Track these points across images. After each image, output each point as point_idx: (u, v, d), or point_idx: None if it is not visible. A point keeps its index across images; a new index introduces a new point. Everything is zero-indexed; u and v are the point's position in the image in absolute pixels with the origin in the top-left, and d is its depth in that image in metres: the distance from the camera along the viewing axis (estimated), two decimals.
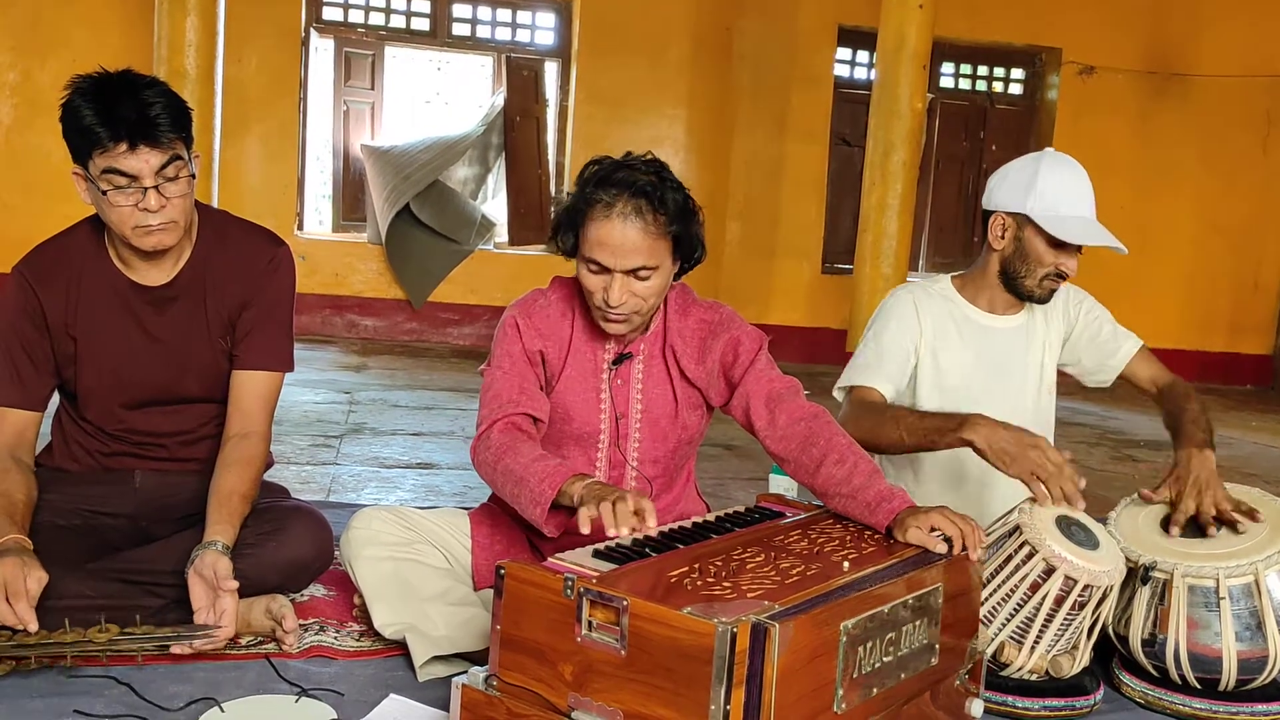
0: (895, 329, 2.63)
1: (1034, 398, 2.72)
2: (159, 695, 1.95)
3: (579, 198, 2.13)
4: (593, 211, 2.10)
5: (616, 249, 2.09)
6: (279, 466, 3.73)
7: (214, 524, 2.13)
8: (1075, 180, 2.55)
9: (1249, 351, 9.25)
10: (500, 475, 2.09)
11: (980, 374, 2.65)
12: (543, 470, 2.02)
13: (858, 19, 8.09)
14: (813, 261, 8.59)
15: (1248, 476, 4.73)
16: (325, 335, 7.76)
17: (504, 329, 2.25)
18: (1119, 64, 8.76)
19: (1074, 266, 2.56)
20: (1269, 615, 2.17)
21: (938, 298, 2.69)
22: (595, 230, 2.10)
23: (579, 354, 2.27)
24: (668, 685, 1.52)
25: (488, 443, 2.14)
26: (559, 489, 1.97)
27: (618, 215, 2.08)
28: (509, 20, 8.32)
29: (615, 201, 2.08)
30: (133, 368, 2.29)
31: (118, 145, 2.05)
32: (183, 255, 2.29)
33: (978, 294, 2.69)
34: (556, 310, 2.27)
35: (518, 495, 2.05)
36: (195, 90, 5.95)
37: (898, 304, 2.67)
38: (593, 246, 2.10)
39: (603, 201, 2.09)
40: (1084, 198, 2.54)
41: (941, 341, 2.65)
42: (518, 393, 2.18)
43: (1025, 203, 2.53)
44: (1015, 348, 2.69)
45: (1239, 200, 9.08)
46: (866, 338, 2.69)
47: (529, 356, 2.23)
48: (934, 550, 1.90)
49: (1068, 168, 2.56)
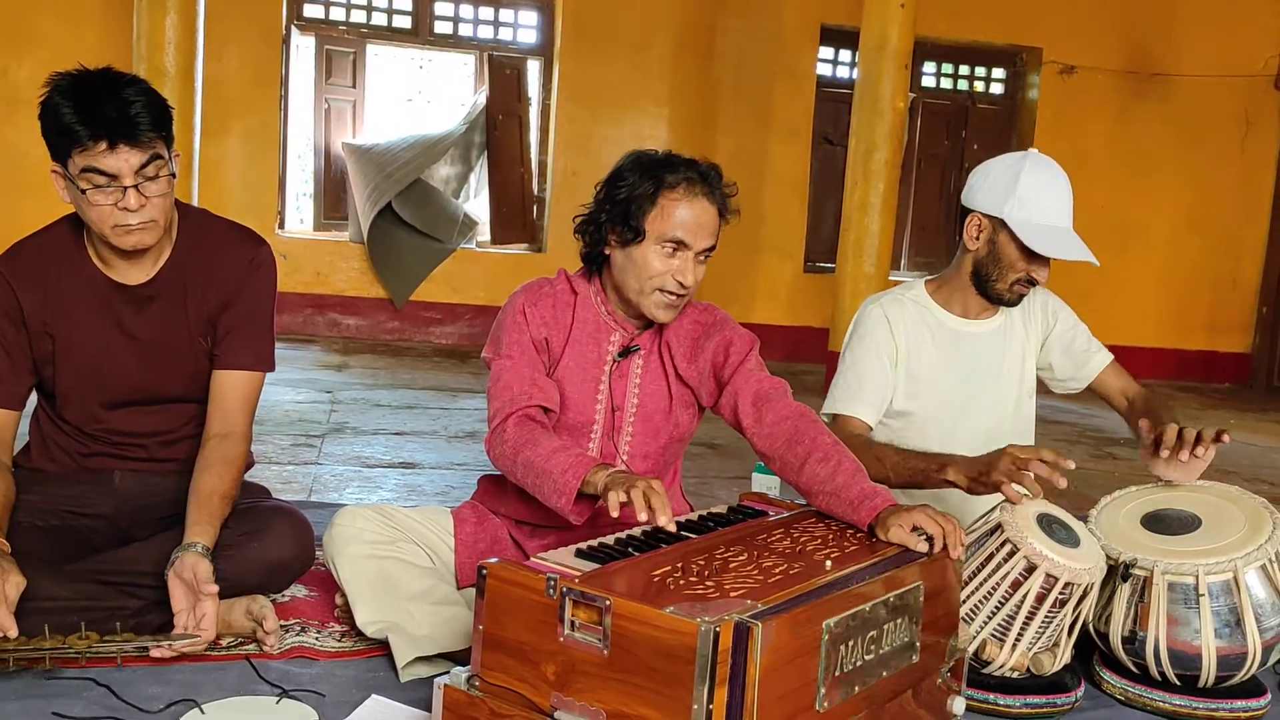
0: (871, 350, 2.62)
1: (1014, 402, 2.72)
2: (138, 697, 1.94)
3: (641, 183, 2.17)
4: (671, 192, 2.16)
5: (700, 227, 2.17)
6: (260, 466, 3.71)
7: (194, 525, 2.11)
8: (1055, 188, 2.53)
9: (1227, 350, 9.32)
10: (520, 468, 2.12)
11: (957, 380, 2.65)
12: (565, 462, 2.05)
13: (840, 18, 8.11)
14: (795, 260, 8.61)
15: (1227, 474, 4.76)
16: (307, 334, 7.73)
17: (512, 315, 2.26)
18: (1099, 64, 8.80)
19: (1045, 275, 2.56)
20: (1248, 612, 2.18)
21: (910, 306, 2.68)
22: (678, 209, 2.16)
23: (579, 345, 2.29)
24: (650, 685, 1.52)
25: (503, 437, 2.16)
26: (583, 479, 2.01)
27: (701, 194, 2.17)
28: (491, 18, 8.30)
29: (695, 181, 2.17)
30: (112, 367, 2.27)
31: (97, 144, 2.03)
32: (163, 254, 2.28)
33: (951, 298, 2.69)
34: (562, 300, 2.30)
35: (539, 486, 2.08)
36: (175, 88, 5.90)
37: (869, 321, 2.66)
38: (675, 226, 2.16)
39: (683, 182, 2.16)
40: (1062, 207, 2.53)
41: (916, 351, 2.64)
42: (529, 384, 2.21)
43: (1003, 207, 2.52)
44: (992, 352, 2.69)
45: (1218, 199, 9.15)
46: (844, 361, 2.67)
47: (536, 344, 2.25)
48: (915, 549, 1.90)
49: (1049, 174, 2.54)
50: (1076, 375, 2.75)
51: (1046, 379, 2.81)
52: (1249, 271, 9.36)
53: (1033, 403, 2.78)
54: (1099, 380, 2.75)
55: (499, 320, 2.30)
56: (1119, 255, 8.84)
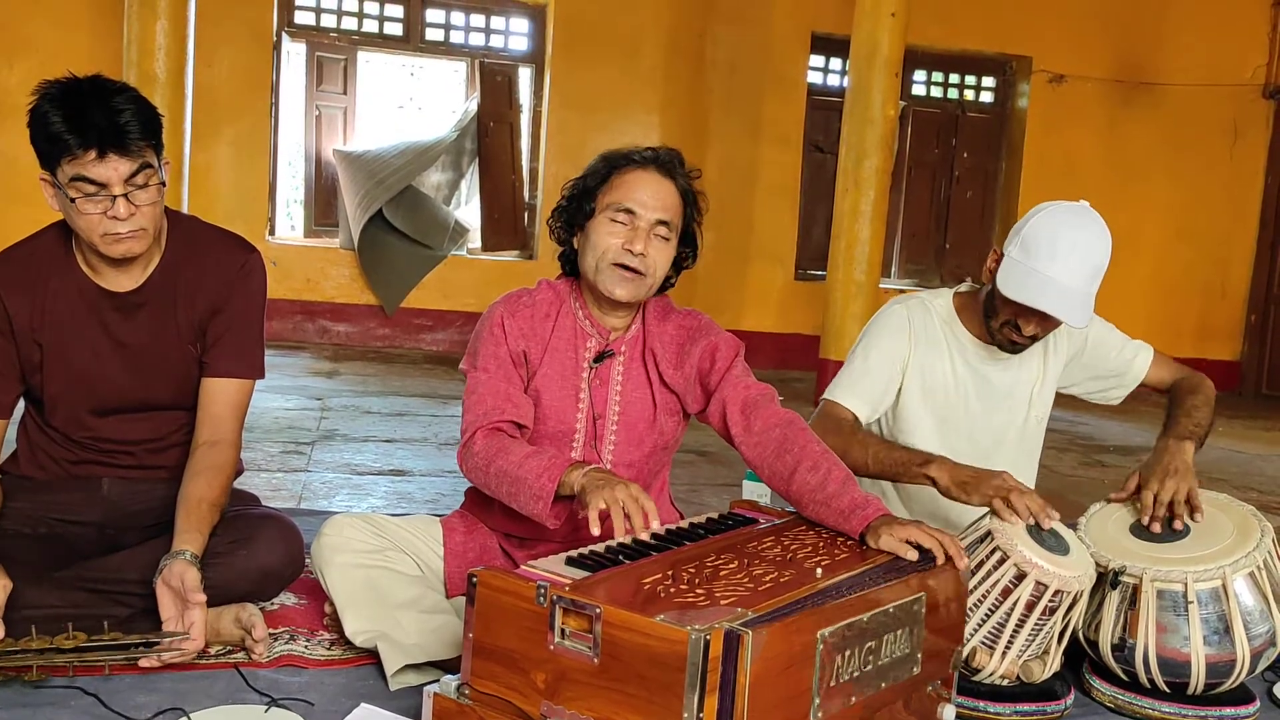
0: (885, 346, 2.57)
1: (1020, 426, 2.65)
2: (126, 705, 1.93)
3: (598, 168, 2.24)
4: (622, 170, 2.21)
5: (649, 196, 2.19)
6: (249, 474, 3.71)
7: (182, 533, 2.11)
8: (1069, 239, 2.35)
9: (1217, 357, 9.36)
10: (494, 478, 2.11)
11: (966, 396, 2.60)
12: (539, 466, 2.04)
13: (831, 26, 8.14)
14: (786, 267, 8.62)
15: (1216, 481, 4.79)
16: (297, 341, 7.72)
17: (490, 327, 2.25)
18: (1088, 72, 8.84)
19: (1033, 330, 2.42)
20: (1236, 619, 2.19)
21: (935, 316, 2.61)
22: (626, 180, 2.20)
23: (558, 353, 2.28)
24: (641, 693, 1.52)
25: (473, 450, 2.15)
26: (559, 481, 2.00)
27: (652, 168, 2.21)
28: (483, 25, 8.31)
29: (647, 161, 2.21)
30: (100, 374, 2.27)
31: (87, 153, 2.03)
32: (151, 261, 2.27)
33: (972, 319, 2.60)
34: (541, 310, 2.29)
35: (515, 494, 2.07)
36: (165, 94, 5.89)
37: (891, 319, 2.60)
38: (622, 195, 2.19)
39: (634, 161, 2.22)
40: (1073, 260, 2.34)
41: (931, 363, 2.58)
42: (502, 399, 2.19)
43: (1010, 242, 2.44)
44: (1005, 375, 2.62)
45: (1206, 207, 9.19)
46: (857, 350, 2.61)
47: (514, 358, 2.24)
48: (905, 557, 1.91)
49: (1072, 223, 2.37)
50: (1121, 384, 2.69)
51: (1084, 396, 2.75)
52: (1238, 279, 9.41)
53: (1042, 428, 2.71)
54: (1146, 380, 2.69)
55: (477, 331, 2.29)
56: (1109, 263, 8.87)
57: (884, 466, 2.37)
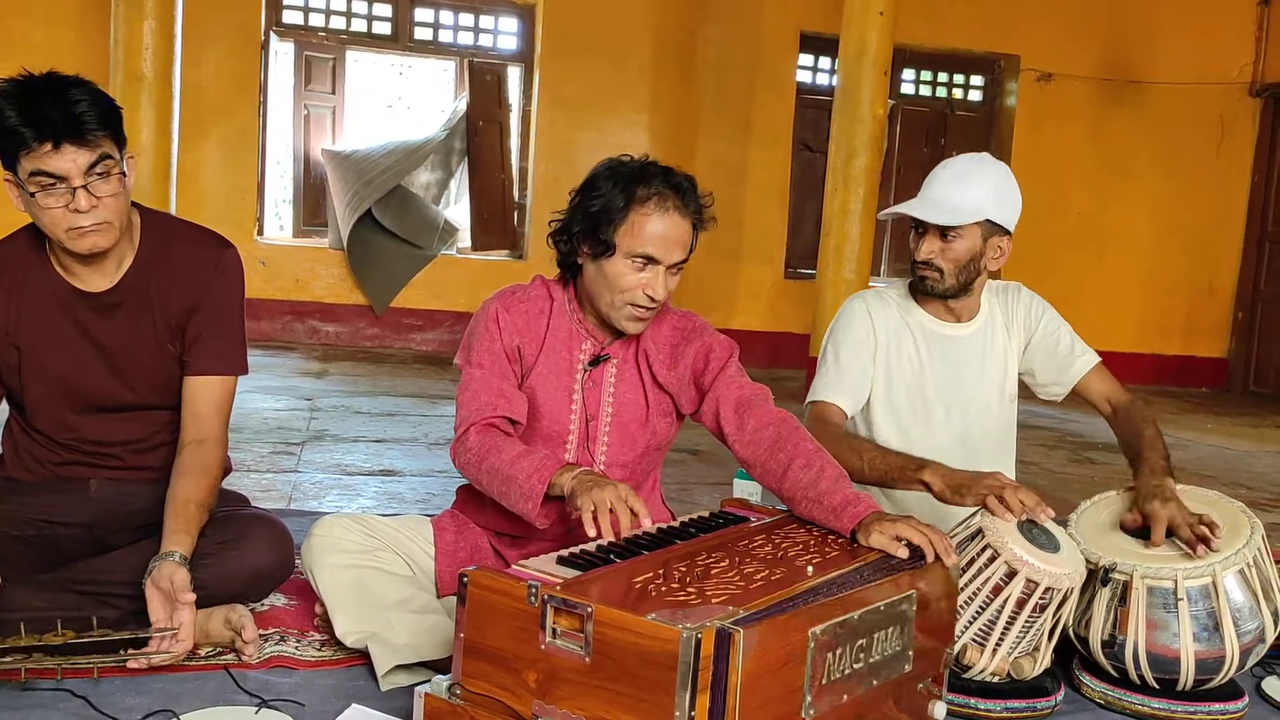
0: (851, 340, 2.63)
1: (995, 405, 2.71)
2: (116, 708, 1.92)
3: (613, 196, 2.15)
4: (642, 207, 2.14)
5: (671, 242, 2.15)
6: (239, 474, 3.69)
7: (171, 534, 2.10)
8: (945, 164, 2.60)
9: (1204, 355, 9.39)
10: (485, 475, 2.12)
11: (936, 381, 2.66)
12: (530, 466, 2.05)
13: (819, 25, 8.14)
14: (776, 266, 8.63)
15: (1204, 478, 4.80)
16: (286, 341, 7.69)
17: (485, 322, 2.25)
18: (1076, 71, 8.87)
19: (926, 248, 2.56)
20: (1226, 616, 2.20)
21: (893, 305, 2.69)
22: (648, 224, 2.14)
23: (553, 352, 2.28)
24: (632, 691, 1.52)
25: (466, 445, 2.16)
26: (549, 482, 2.00)
27: (673, 209, 2.15)
28: (471, 24, 8.30)
29: (667, 195, 2.14)
30: (80, 376, 2.25)
31: (43, 145, 2.01)
32: (125, 260, 2.25)
33: (928, 299, 2.68)
34: (536, 307, 2.29)
35: (506, 493, 2.08)
36: (153, 94, 5.87)
37: (851, 314, 2.67)
38: (645, 241, 2.14)
39: (654, 196, 2.14)
40: (941, 175, 2.57)
41: (897, 350, 2.65)
42: (496, 394, 2.19)
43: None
44: (972, 355, 2.69)
45: (1194, 205, 9.22)
46: (825, 353, 2.68)
47: (508, 353, 2.24)
48: (895, 554, 1.91)
49: (957, 159, 2.61)
50: (1059, 380, 2.73)
51: (1030, 384, 2.79)
52: (1225, 277, 9.44)
53: (1014, 408, 2.77)
54: (1083, 384, 2.72)
55: (472, 326, 2.29)
56: (1096, 261, 8.90)
57: (880, 473, 2.39)
